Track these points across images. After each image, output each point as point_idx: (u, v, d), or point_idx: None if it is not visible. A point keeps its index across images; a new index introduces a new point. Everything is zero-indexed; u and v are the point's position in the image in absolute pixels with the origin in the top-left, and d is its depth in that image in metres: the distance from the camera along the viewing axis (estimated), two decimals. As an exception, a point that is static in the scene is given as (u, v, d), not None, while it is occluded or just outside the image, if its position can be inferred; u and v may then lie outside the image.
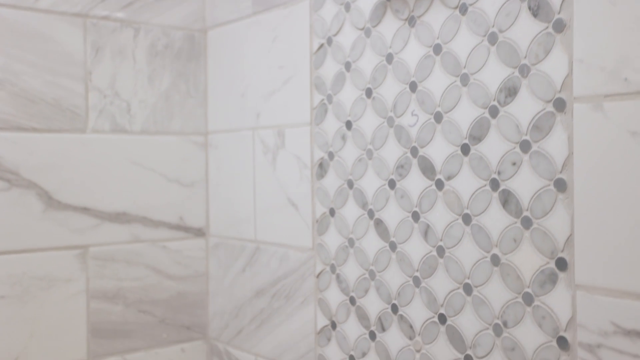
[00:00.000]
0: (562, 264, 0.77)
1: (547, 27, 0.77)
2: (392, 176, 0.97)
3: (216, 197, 1.36)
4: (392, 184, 0.97)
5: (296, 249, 1.15)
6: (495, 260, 0.84)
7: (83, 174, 1.23)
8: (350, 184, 1.04)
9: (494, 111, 0.83)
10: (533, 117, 0.79)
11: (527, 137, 0.80)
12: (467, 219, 0.87)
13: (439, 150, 0.90)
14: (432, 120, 0.91)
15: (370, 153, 1.01)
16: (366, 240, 1.02)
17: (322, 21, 1.08)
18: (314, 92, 1.11)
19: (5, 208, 1.15)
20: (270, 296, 1.21)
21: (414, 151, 0.94)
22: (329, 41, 1.07)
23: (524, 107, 0.80)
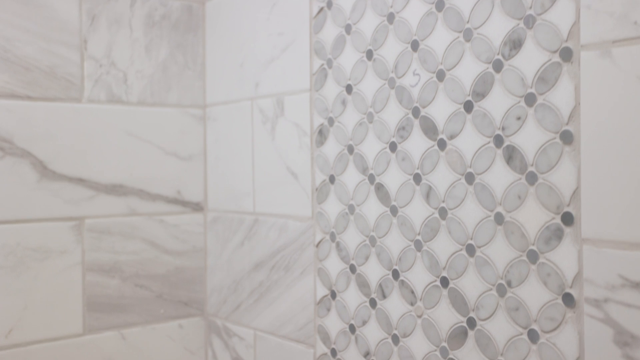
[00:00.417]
0: (568, 219, 0.74)
1: (553, -24, 0.75)
2: (393, 139, 0.95)
3: (214, 171, 1.34)
4: (394, 147, 0.95)
5: (295, 219, 1.13)
6: (499, 218, 0.81)
7: (78, 144, 1.21)
8: (350, 150, 1.02)
9: (498, 65, 0.81)
10: (538, 69, 0.77)
11: (532, 90, 0.77)
12: (470, 178, 0.85)
13: (442, 109, 0.88)
14: (435, 78, 0.89)
15: (371, 116, 0.98)
16: (367, 206, 0.99)
17: (322, -16, 1.06)
18: (314, 58, 1.09)
19: (-2, 176, 1.13)
20: (269, 268, 1.19)
21: (416, 112, 0.91)
22: (329, 4, 1.05)
23: (529, 60, 0.78)
